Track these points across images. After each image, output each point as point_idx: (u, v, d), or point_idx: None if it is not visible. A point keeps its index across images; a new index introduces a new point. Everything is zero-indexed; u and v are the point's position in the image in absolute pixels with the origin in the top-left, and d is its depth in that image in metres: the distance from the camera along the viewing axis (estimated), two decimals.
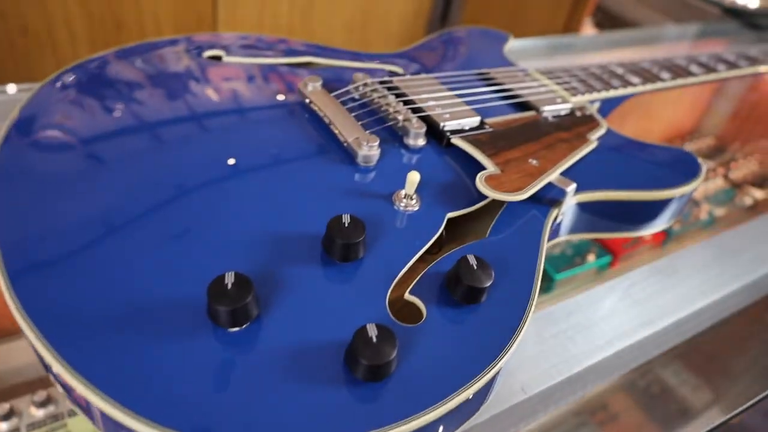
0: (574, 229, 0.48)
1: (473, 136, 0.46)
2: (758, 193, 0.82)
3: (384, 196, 0.40)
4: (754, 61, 0.76)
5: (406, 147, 0.45)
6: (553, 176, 0.44)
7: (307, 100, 0.47)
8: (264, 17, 1.30)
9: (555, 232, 0.46)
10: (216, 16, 1.25)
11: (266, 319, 0.31)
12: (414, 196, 0.40)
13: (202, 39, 0.54)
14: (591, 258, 0.60)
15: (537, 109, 0.52)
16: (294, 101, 0.47)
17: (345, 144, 0.43)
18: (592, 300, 0.51)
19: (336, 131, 0.43)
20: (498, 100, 0.53)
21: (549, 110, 0.53)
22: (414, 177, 0.39)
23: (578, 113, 0.54)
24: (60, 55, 1.13)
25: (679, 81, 0.65)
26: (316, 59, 0.55)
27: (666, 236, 0.67)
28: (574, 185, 0.43)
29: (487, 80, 0.56)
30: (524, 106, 0.53)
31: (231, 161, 0.40)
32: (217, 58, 0.51)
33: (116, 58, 0.47)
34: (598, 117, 0.54)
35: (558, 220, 0.44)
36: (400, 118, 0.45)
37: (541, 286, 0.40)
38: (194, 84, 0.46)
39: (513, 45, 0.87)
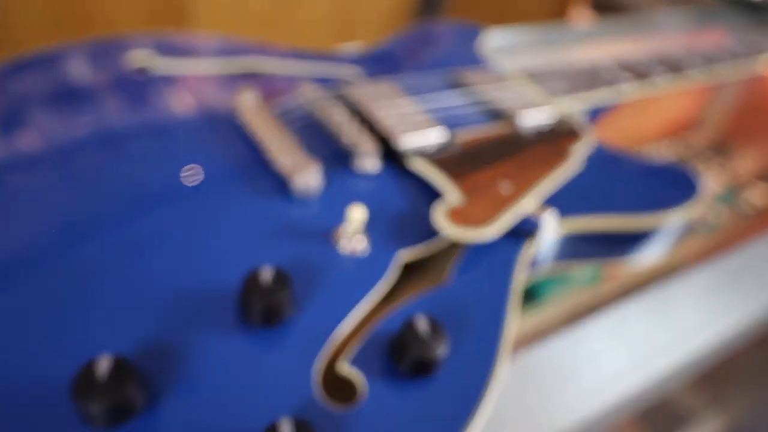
0: (557, 257, 0.41)
1: (435, 154, 0.40)
2: (762, 193, 0.76)
3: (324, 235, 0.34)
4: (759, 49, 0.69)
5: (357, 172, 0.38)
6: (527, 203, 0.37)
7: (240, 119, 0.40)
8: (244, 4, 1.23)
9: (534, 263, 0.39)
10: (195, 7, 1.18)
11: (156, 413, 0.25)
12: (360, 235, 0.33)
13: (122, 44, 0.47)
14: None
15: (512, 118, 0.46)
16: (225, 120, 0.40)
17: (280, 171, 0.36)
18: (577, 340, 0.45)
19: (270, 156, 0.37)
20: (468, 108, 0.46)
21: (526, 118, 0.46)
22: (356, 214, 0.32)
23: (561, 121, 0.47)
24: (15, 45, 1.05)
25: (677, 78, 0.58)
26: (259, 65, 0.48)
27: None
28: (549, 213, 0.37)
29: (457, 84, 0.49)
30: (498, 115, 0.46)
31: (132, 196, 0.33)
32: (143, 69, 0.45)
33: (8, 73, 0.40)
34: (583, 126, 0.47)
35: (535, 253, 0.38)
36: (348, 137, 0.38)
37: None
38: (102, 102, 0.40)
39: (495, 35, 0.80)
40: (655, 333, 0.46)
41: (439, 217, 0.34)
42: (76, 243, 0.30)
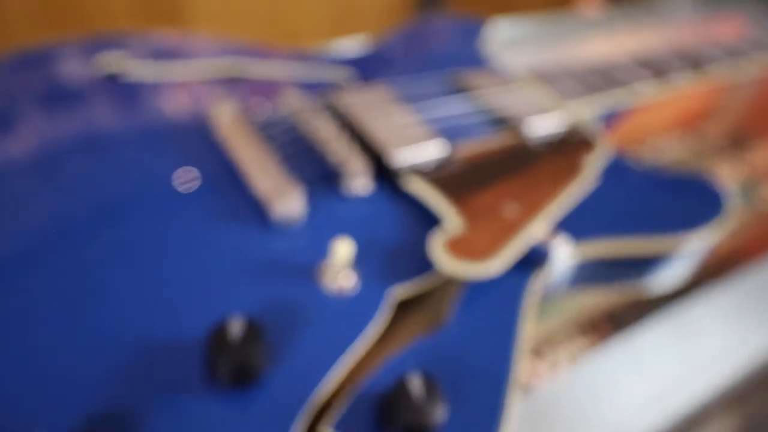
0: (568, 284, 0.37)
1: (433, 172, 0.36)
2: None
3: (307, 272, 0.30)
4: None
5: (346, 195, 0.34)
6: (538, 226, 0.33)
7: (216, 133, 0.36)
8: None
9: (544, 292, 0.36)
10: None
11: None
12: (347, 271, 0.29)
13: (96, 46, 0.43)
14: None
15: (519, 127, 0.42)
16: (199, 134, 0.36)
17: (258, 196, 0.32)
18: (591, 373, 0.41)
19: (248, 178, 0.33)
20: (470, 117, 0.42)
21: (534, 126, 0.42)
22: (342, 250, 0.28)
23: (573, 129, 0.43)
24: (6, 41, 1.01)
25: (699, 76, 0.54)
26: (242, 68, 0.44)
27: None
28: (562, 237, 0.33)
29: (458, 89, 0.45)
30: (504, 123, 0.42)
31: (81, 221, 0.29)
32: (115, 76, 0.41)
33: None
34: (597, 133, 0.43)
35: (546, 282, 0.34)
36: (336, 156, 0.34)
37: None
38: (62, 113, 0.36)
39: (499, 28, 0.76)
40: (677, 361, 0.42)
41: (437, 250, 0.30)
42: (15, 274, 0.27)
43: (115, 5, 1.08)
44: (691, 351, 0.44)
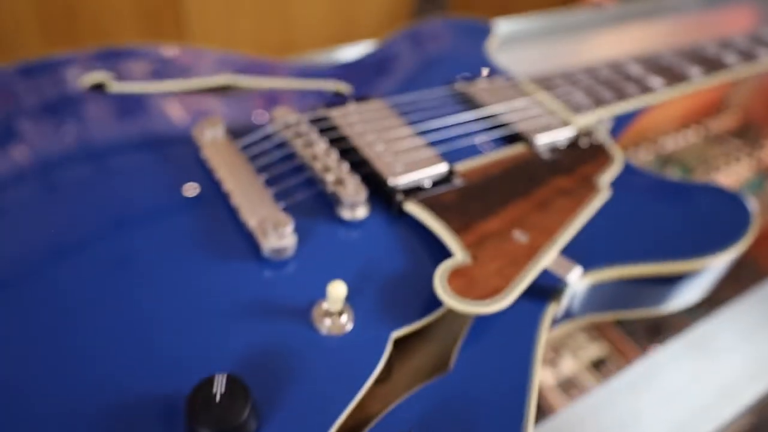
0: (581, 312, 0.35)
1: (436, 196, 0.33)
2: None
3: (301, 311, 0.27)
4: None
5: (341, 222, 0.32)
6: (550, 257, 0.31)
7: (203, 156, 0.33)
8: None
9: (556, 321, 0.33)
10: (182, 1, 1.10)
11: None
12: (343, 312, 0.27)
13: (84, 59, 0.40)
14: None
15: (528, 141, 0.39)
16: (185, 157, 0.34)
17: (247, 228, 0.30)
18: (610, 399, 0.39)
19: (236, 208, 0.30)
20: (476, 133, 0.39)
21: (545, 141, 0.39)
22: (336, 291, 0.26)
23: (584, 141, 0.40)
24: (6, 49, 0.99)
25: (712, 77, 0.51)
26: (234, 80, 0.42)
27: None
28: (578, 270, 0.30)
29: (462, 101, 0.42)
30: (512, 138, 0.39)
31: (63, 257, 0.27)
32: (101, 86, 0.38)
33: None
34: (610, 145, 0.40)
35: (559, 313, 0.32)
36: (330, 179, 0.32)
37: None
38: (47, 132, 0.33)
39: (505, 27, 0.73)
40: (699, 384, 0.39)
41: (441, 286, 0.28)
42: None
43: (109, 9, 1.06)
44: (712, 373, 0.41)
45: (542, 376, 0.41)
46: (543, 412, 0.42)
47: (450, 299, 0.27)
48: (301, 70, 0.44)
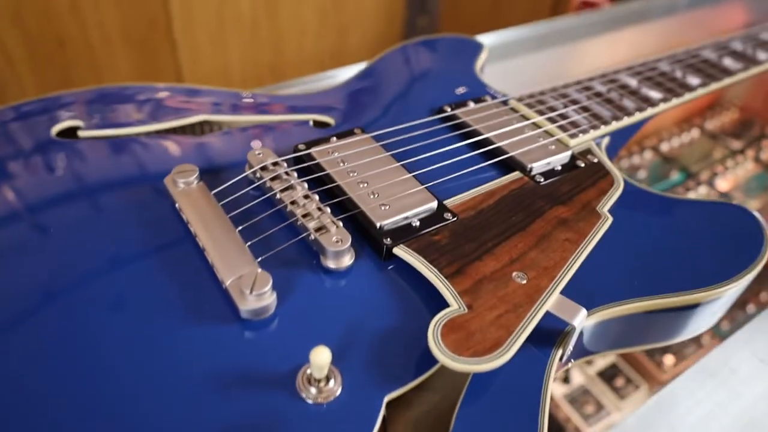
0: (588, 351, 0.33)
1: (427, 236, 0.31)
2: None
3: (285, 378, 0.25)
4: None
5: (326, 271, 0.29)
6: (552, 299, 0.28)
7: (176, 206, 0.31)
8: (224, 14, 1.14)
9: (564, 362, 0.31)
10: (170, 20, 1.09)
11: None
12: (329, 377, 0.25)
13: (55, 103, 0.38)
14: None
15: (523, 168, 0.37)
16: (159, 207, 0.32)
17: (224, 286, 0.27)
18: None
19: (212, 266, 0.28)
20: (467, 162, 0.37)
21: (540, 167, 0.37)
22: (320, 358, 0.23)
23: (581, 162, 0.38)
24: None
25: (713, 86, 0.49)
26: (211, 117, 0.39)
27: None
28: (582, 313, 0.28)
29: (451, 128, 0.40)
30: (507, 166, 0.37)
31: (22, 317, 0.24)
32: (73, 131, 0.36)
33: None
34: (609, 166, 0.38)
35: (565, 355, 0.29)
36: (311, 226, 0.30)
37: None
38: (13, 182, 0.31)
39: (493, 44, 0.71)
40: (720, 418, 0.37)
41: (433, 343, 0.25)
42: None
43: (95, 31, 1.04)
44: (733, 402, 0.39)
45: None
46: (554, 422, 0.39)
47: (445, 357, 0.25)
48: (282, 101, 0.42)
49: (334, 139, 0.36)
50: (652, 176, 0.89)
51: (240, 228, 0.30)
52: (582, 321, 0.28)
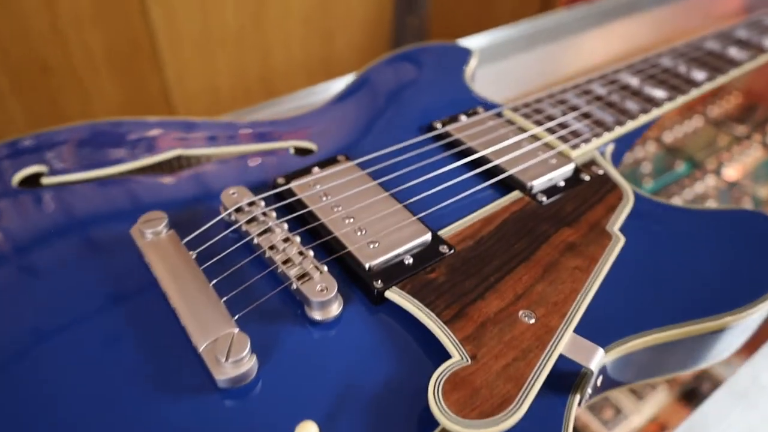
0: (609, 386, 0.30)
1: (421, 275, 0.28)
2: None
3: None
4: None
5: (312, 323, 0.27)
6: (565, 340, 0.25)
7: (144, 260, 0.28)
8: (209, 30, 1.12)
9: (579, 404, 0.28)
10: (154, 40, 1.07)
11: None
12: None
13: (16, 149, 0.36)
14: None
15: (524, 187, 0.34)
16: (126, 261, 0.29)
17: (198, 351, 0.25)
18: None
19: (185, 330, 0.25)
20: (462, 184, 0.34)
21: (542, 184, 0.34)
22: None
23: (585, 175, 0.35)
24: None
25: (721, 79, 0.46)
26: (186, 151, 0.37)
27: None
28: (599, 354, 0.25)
29: (443, 147, 0.37)
30: (503, 185, 0.34)
31: None
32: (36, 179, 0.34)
33: None
34: (616, 178, 0.35)
35: (584, 400, 0.26)
36: (293, 273, 0.27)
37: None
38: None
39: (483, 45, 0.68)
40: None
41: (434, 405, 0.22)
42: None
43: (79, 54, 1.02)
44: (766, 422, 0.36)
45: None
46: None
47: (449, 421, 0.22)
48: (259, 128, 0.39)
49: (316, 169, 0.34)
50: (657, 169, 0.86)
51: (215, 281, 0.27)
52: (600, 362, 0.25)
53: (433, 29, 1.39)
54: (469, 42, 0.67)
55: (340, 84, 0.56)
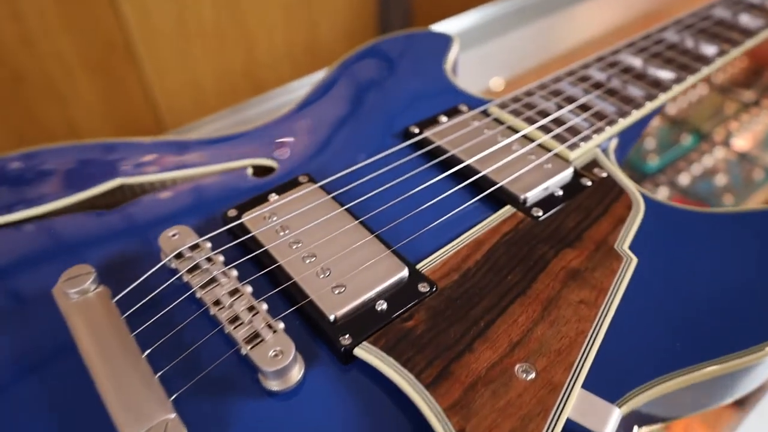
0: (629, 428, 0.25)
1: (397, 323, 0.23)
2: None
3: None
4: None
5: (268, 394, 0.22)
6: (574, 400, 0.21)
7: (66, 323, 0.24)
8: (186, 24, 1.07)
9: None
10: (128, 39, 1.01)
11: None
12: None
13: None
14: None
15: (516, 201, 0.29)
16: (45, 325, 0.24)
17: None
18: None
19: (109, 412, 0.21)
20: (445, 204, 0.29)
21: (537, 195, 0.29)
22: None
23: (586, 180, 0.30)
24: None
25: (734, 52, 0.40)
26: (129, 179, 0.32)
27: None
28: (614, 414, 0.21)
29: (422, 156, 0.32)
30: (494, 198, 0.30)
31: None
32: None
33: None
34: (622, 181, 0.30)
35: None
36: (241, 335, 0.22)
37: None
38: None
39: (469, 23, 0.62)
40: None
41: None
42: None
43: (55, 56, 0.97)
44: None
45: None
46: None
47: None
48: (214, 145, 0.34)
49: (274, 195, 0.29)
50: (662, 144, 0.80)
51: (150, 350, 0.22)
52: (616, 423, 0.21)
53: (421, 9, 1.33)
54: (457, 21, 0.62)
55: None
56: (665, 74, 0.37)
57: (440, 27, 0.63)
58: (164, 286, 0.25)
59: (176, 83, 1.13)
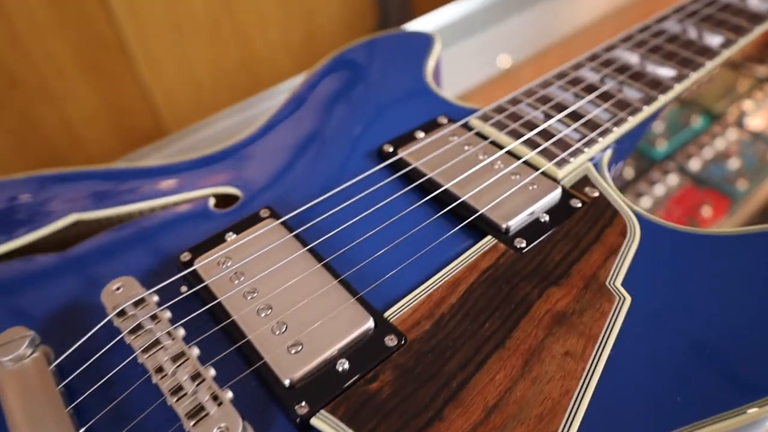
0: None
1: (360, 387, 0.21)
2: None
3: None
4: None
5: None
6: None
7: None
8: (178, 17, 1.04)
9: None
10: (120, 37, 0.99)
11: None
12: None
13: None
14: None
15: (497, 230, 0.26)
16: None
17: None
18: None
19: None
20: (420, 238, 0.26)
21: (520, 222, 0.26)
22: None
23: (576, 202, 0.28)
24: None
25: (742, 41, 0.37)
26: (84, 214, 0.30)
27: (731, 202, 0.52)
28: None
29: (396, 179, 0.29)
30: (473, 228, 0.27)
31: None
32: None
33: None
34: (616, 201, 0.27)
35: None
36: (183, 410, 0.20)
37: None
38: None
39: (463, 11, 0.59)
40: None
41: None
42: None
43: (48, 56, 0.95)
44: None
45: None
46: None
47: None
48: (174, 172, 0.32)
49: (231, 235, 0.26)
50: (671, 127, 0.76)
51: (87, 426, 0.20)
52: None
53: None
54: (458, 7, 0.59)
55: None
56: (665, 72, 0.34)
57: (440, 14, 0.60)
58: (105, 349, 0.23)
59: (174, 82, 1.11)
